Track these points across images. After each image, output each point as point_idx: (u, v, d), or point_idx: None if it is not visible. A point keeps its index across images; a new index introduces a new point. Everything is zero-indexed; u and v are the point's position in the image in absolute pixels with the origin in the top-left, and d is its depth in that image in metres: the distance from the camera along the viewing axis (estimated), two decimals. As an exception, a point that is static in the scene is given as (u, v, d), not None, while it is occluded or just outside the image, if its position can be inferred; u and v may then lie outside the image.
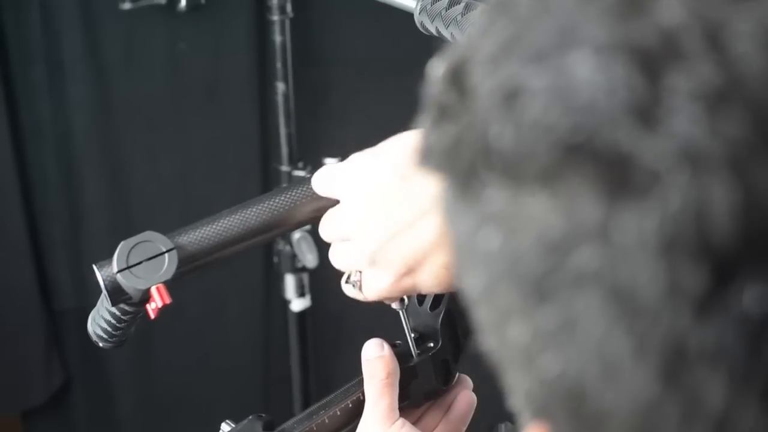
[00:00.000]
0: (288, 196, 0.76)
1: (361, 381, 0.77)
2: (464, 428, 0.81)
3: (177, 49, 1.78)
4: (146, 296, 0.71)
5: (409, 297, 0.77)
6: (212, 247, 0.74)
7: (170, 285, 0.71)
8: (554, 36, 0.34)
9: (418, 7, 0.82)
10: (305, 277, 1.83)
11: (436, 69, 0.38)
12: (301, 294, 1.84)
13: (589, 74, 0.33)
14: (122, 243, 0.71)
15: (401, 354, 0.78)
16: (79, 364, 1.87)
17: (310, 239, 1.76)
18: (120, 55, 1.75)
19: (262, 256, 1.92)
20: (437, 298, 0.79)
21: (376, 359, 0.76)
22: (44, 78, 1.70)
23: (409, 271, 0.68)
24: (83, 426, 1.92)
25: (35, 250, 1.77)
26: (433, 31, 0.82)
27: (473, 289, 0.37)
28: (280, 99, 1.78)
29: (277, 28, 1.75)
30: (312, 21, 1.84)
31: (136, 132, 1.80)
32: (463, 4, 0.79)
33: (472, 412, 0.82)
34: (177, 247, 0.72)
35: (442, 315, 0.79)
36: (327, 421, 0.76)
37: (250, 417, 0.77)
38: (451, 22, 0.79)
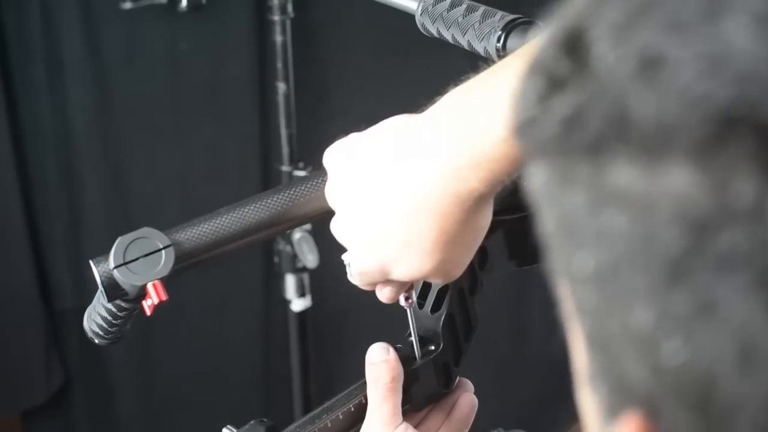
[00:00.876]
0: (286, 194, 0.76)
1: (364, 384, 0.77)
2: (466, 431, 0.81)
3: (177, 49, 1.78)
4: (142, 293, 0.71)
5: (412, 294, 0.76)
6: (210, 244, 0.74)
7: (167, 282, 0.71)
8: (700, 3, 0.32)
9: (420, 9, 0.82)
10: (306, 277, 1.83)
11: (540, 41, 0.36)
12: (301, 294, 1.84)
13: (749, 43, 0.31)
14: (119, 239, 0.71)
15: (402, 357, 0.77)
16: (79, 364, 1.87)
17: (310, 239, 1.76)
18: (120, 55, 1.75)
19: (263, 256, 1.92)
20: (438, 301, 0.79)
21: (381, 363, 0.76)
22: (44, 78, 1.70)
23: (381, 253, 0.67)
24: (83, 426, 1.92)
25: (35, 250, 1.77)
26: (435, 33, 0.82)
27: (581, 270, 0.35)
28: (280, 99, 1.78)
29: (277, 28, 1.75)
30: (312, 21, 1.84)
31: (136, 132, 1.80)
32: (464, 6, 0.79)
33: (474, 415, 0.82)
34: (174, 244, 0.72)
35: (443, 318, 0.78)
36: (330, 425, 0.76)
37: (252, 422, 0.76)
38: (452, 23, 0.79)
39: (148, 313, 0.73)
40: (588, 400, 0.39)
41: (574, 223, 0.35)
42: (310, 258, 1.76)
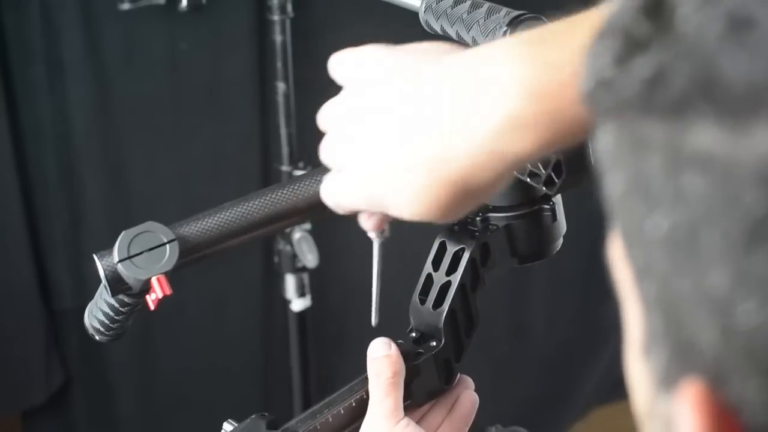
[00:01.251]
0: (291, 189, 0.76)
1: (365, 380, 0.77)
2: (467, 428, 0.81)
3: (177, 49, 1.78)
4: (146, 287, 0.71)
5: (386, 229, 0.73)
6: (214, 238, 0.74)
7: (171, 276, 0.71)
8: None
9: (423, 6, 0.82)
10: (305, 277, 1.83)
11: (611, 5, 0.36)
12: (301, 294, 1.84)
13: None
14: (123, 233, 0.71)
15: (403, 353, 0.78)
16: (79, 364, 1.87)
17: (310, 239, 1.76)
18: (120, 55, 1.75)
19: (262, 255, 1.92)
20: (440, 297, 0.79)
21: (382, 357, 0.76)
22: (44, 78, 1.70)
23: (375, 180, 0.61)
24: (83, 426, 1.92)
25: (35, 250, 1.77)
26: (438, 30, 0.82)
27: (653, 232, 0.34)
28: (280, 99, 1.78)
29: (277, 28, 1.75)
30: (312, 21, 1.84)
31: (136, 132, 1.80)
32: (468, 2, 0.79)
33: (475, 412, 0.82)
34: (179, 238, 0.72)
35: (445, 314, 0.79)
36: (331, 419, 0.76)
37: (253, 416, 0.77)
38: (456, 20, 0.79)
39: (152, 307, 0.73)
40: (639, 372, 0.39)
41: (647, 186, 0.35)
42: (310, 258, 1.76)
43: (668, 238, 0.34)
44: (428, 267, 0.81)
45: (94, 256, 0.72)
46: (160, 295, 0.70)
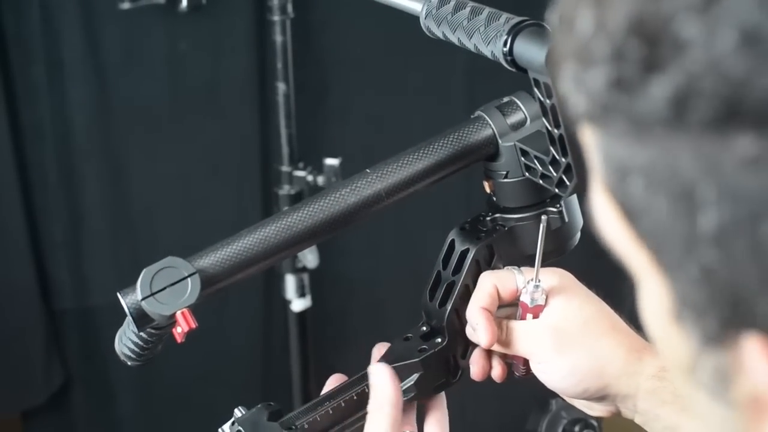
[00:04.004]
0: (305, 211, 0.76)
1: (365, 375, 0.78)
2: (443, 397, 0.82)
3: (177, 49, 1.78)
4: (171, 320, 0.72)
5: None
6: (233, 267, 0.74)
7: (194, 308, 0.72)
8: None
9: (424, 12, 0.82)
10: (305, 277, 1.83)
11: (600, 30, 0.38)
12: (301, 294, 1.84)
13: None
14: (145, 270, 0.72)
15: (408, 348, 0.79)
16: (79, 364, 1.87)
17: (310, 239, 1.76)
18: (120, 55, 1.75)
19: (262, 256, 1.91)
20: (445, 296, 0.81)
21: (384, 388, 0.75)
22: (44, 78, 1.70)
23: None
24: (83, 426, 1.92)
25: (35, 250, 1.77)
26: (440, 36, 0.82)
27: (705, 229, 0.38)
28: (280, 99, 1.78)
29: (277, 29, 1.75)
30: (312, 21, 1.84)
31: (136, 132, 1.80)
32: (468, 9, 0.79)
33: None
34: (199, 271, 0.72)
35: (448, 312, 0.80)
36: (331, 412, 0.78)
37: (259, 405, 0.78)
38: (457, 27, 0.79)
39: (179, 340, 0.74)
40: (674, 333, 0.42)
41: (687, 189, 0.38)
42: (310, 258, 1.76)
43: (720, 232, 0.37)
44: (438, 264, 0.82)
45: (118, 294, 0.72)
46: (186, 329, 0.71)
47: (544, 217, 0.77)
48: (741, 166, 0.36)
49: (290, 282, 1.83)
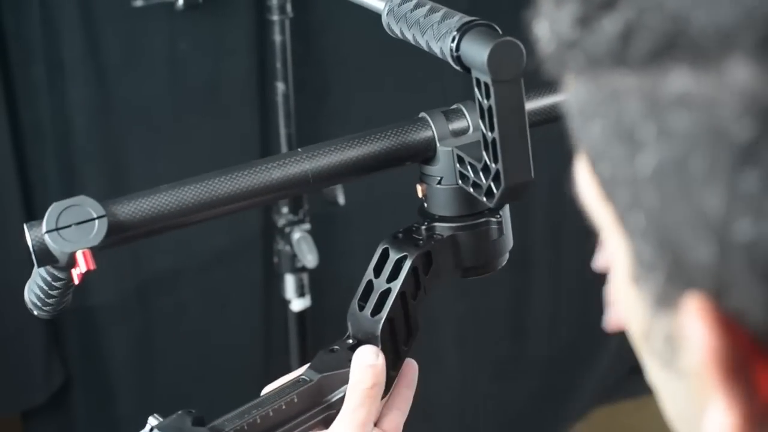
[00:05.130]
0: (230, 176, 0.76)
1: (296, 383, 0.77)
2: (411, 393, 0.81)
3: (177, 49, 1.78)
4: (72, 260, 0.70)
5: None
6: (144, 220, 0.72)
7: (98, 252, 0.70)
8: None
9: (386, 9, 0.82)
10: (305, 277, 1.83)
11: None
12: (301, 294, 1.84)
13: None
14: (53, 204, 0.71)
15: (337, 359, 0.78)
16: (79, 364, 1.87)
17: (310, 239, 1.76)
18: (120, 55, 1.75)
19: (262, 256, 1.92)
20: (379, 304, 0.78)
21: (366, 367, 0.75)
22: (44, 78, 1.71)
23: None
24: (83, 426, 1.92)
25: (35, 250, 1.77)
26: (398, 33, 0.81)
27: (642, 170, 0.38)
28: (280, 99, 1.79)
29: (276, 28, 1.75)
30: (312, 21, 1.84)
31: (136, 132, 1.80)
32: (427, 7, 0.78)
33: (416, 376, 0.81)
34: (109, 215, 0.71)
35: (382, 322, 0.77)
36: (259, 420, 0.76)
37: (179, 412, 0.76)
38: (414, 23, 0.78)
39: (76, 282, 0.72)
40: (632, 297, 0.42)
41: (630, 130, 0.38)
42: (309, 258, 1.76)
43: (657, 173, 0.37)
44: (369, 273, 0.80)
45: (25, 225, 0.72)
46: (84, 270, 0.69)
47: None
48: (676, 102, 0.36)
49: (290, 282, 1.83)
